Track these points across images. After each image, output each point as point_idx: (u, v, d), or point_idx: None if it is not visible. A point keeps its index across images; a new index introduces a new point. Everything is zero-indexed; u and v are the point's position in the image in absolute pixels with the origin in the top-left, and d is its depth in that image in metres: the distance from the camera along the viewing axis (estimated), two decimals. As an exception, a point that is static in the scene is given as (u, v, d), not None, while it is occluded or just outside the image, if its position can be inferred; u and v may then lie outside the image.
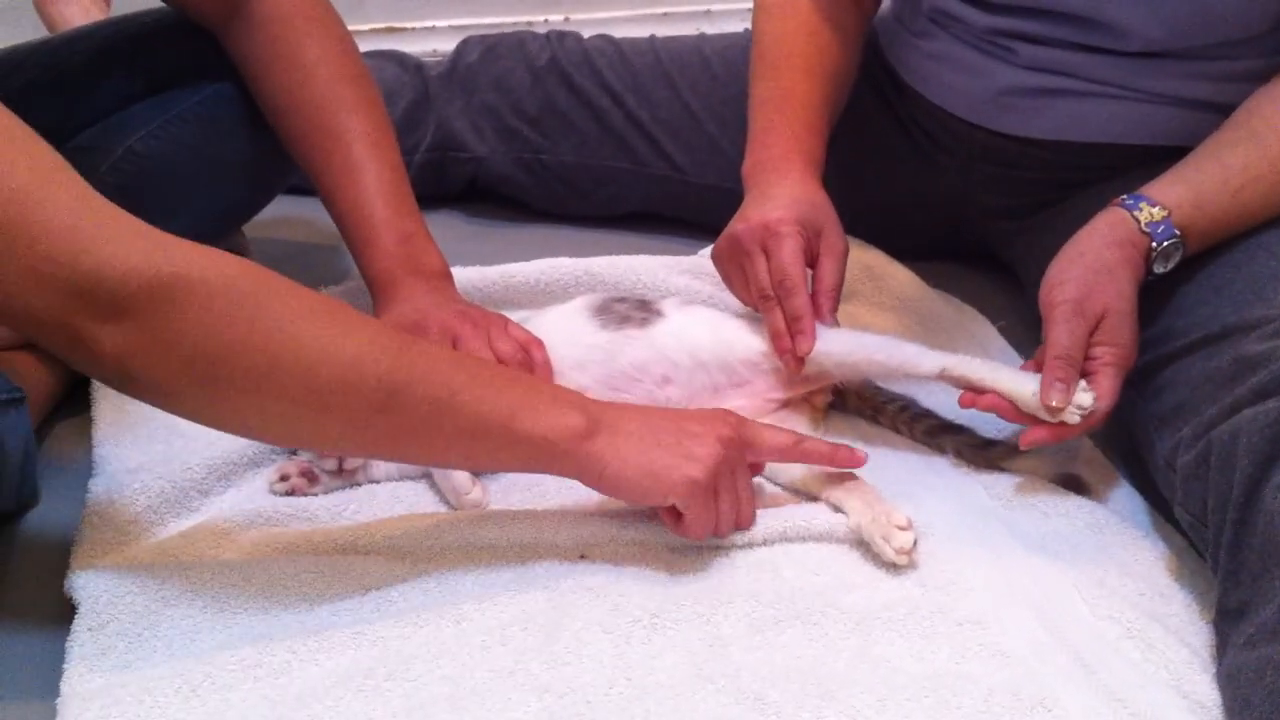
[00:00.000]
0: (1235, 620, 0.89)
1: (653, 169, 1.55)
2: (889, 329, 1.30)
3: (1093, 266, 1.05)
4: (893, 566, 0.98)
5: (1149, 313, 1.08)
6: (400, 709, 0.85)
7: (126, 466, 1.08)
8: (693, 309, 1.19)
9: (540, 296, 1.32)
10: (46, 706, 0.87)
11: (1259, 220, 1.09)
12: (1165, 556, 1.02)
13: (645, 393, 1.13)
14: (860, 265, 1.35)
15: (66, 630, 0.92)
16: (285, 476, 1.08)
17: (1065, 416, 1.02)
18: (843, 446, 1.03)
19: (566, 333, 1.15)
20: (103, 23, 1.38)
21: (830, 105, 1.26)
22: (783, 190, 1.15)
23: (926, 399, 1.17)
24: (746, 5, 1.35)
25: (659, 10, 2.25)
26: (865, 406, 1.20)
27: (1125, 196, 1.09)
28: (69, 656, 0.90)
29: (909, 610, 0.94)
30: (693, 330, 1.15)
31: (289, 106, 1.20)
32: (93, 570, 0.97)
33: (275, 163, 1.29)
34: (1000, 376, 1.06)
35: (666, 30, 1.68)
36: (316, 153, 1.19)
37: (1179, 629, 0.94)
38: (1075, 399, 1.01)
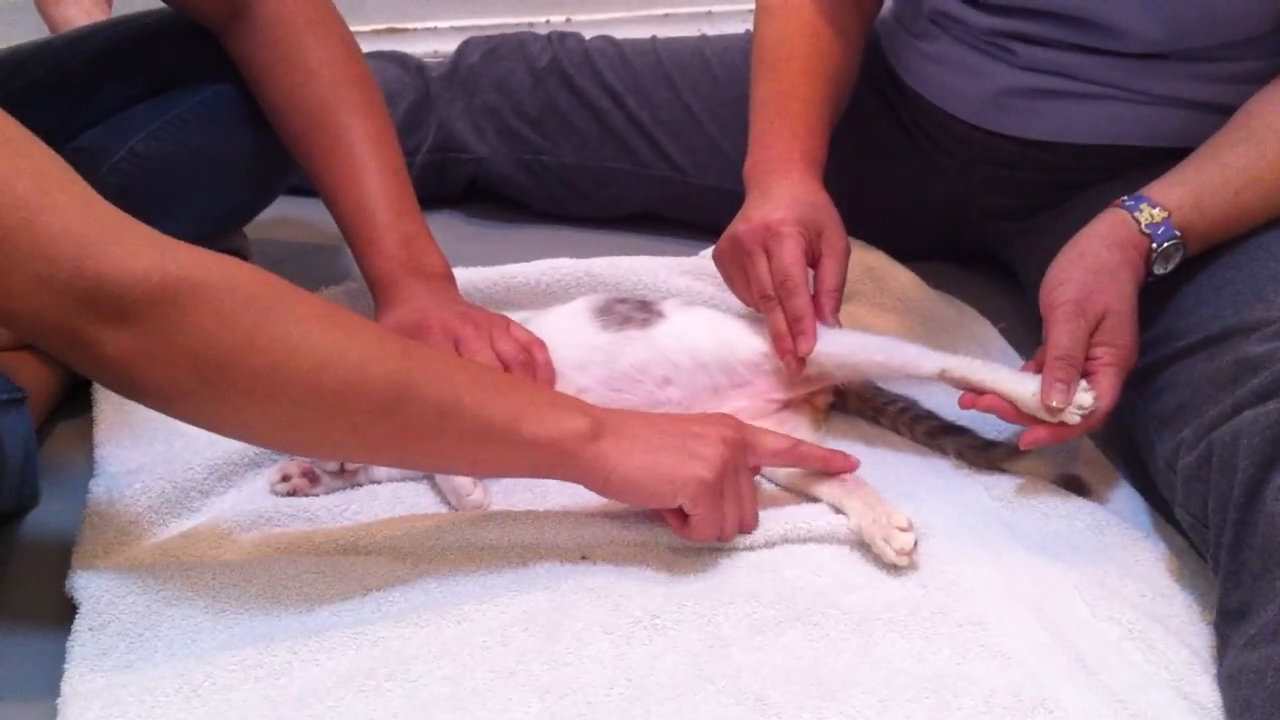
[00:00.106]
0: (1236, 621, 0.89)
1: (654, 170, 1.55)
2: (890, 330, 1.31)
3: (1093, 267, 1.05)
4: (893, 567, 0.98)
5: (1149, 314, 1.08)
6: (401, 709, 0.85)
7: (127, 467, 1.08)
8: (694, 310, 1.19)
9: (541, 297, 1.32)
10: (47, 706, 0.87)
11: (1259, 221, 1.09)
12: (1166, 557, 1.02)
13: (646, 393, 1.13)
14: (861, 266, 1.35)
15: (67, 630, 0.92)
16: (287, 477, 1.08)
17: (1066, 417, 1.02)
18: (837, 452, 1.04)
19: (568, 334, 1.15)
20: (104, 24, 1.38)
21: (831, 106, 1.26)
22: (784, 191, 1.15)
23: (927, 400, 1.17)
24: (748, 7, 1.36)
25: (660, 11, 2.25)
26: (866, 407, 1.20)
27: (1125, 198, 1.09)
28: (70, 656, 0.90)
29: (910, 611, 0.94)
30: (694, 331, 1.15)
31: (291, 107, 1.20)
32: (94, 570, 0.97)
33: (276, 163, 1.29)
34: (1000, 377, 1.06)
35: (668, 31, 1.67)
36: (318, 153, 1.19)
37: (1180, 630, 0.94)
38: (1076, 399, 1.01)
